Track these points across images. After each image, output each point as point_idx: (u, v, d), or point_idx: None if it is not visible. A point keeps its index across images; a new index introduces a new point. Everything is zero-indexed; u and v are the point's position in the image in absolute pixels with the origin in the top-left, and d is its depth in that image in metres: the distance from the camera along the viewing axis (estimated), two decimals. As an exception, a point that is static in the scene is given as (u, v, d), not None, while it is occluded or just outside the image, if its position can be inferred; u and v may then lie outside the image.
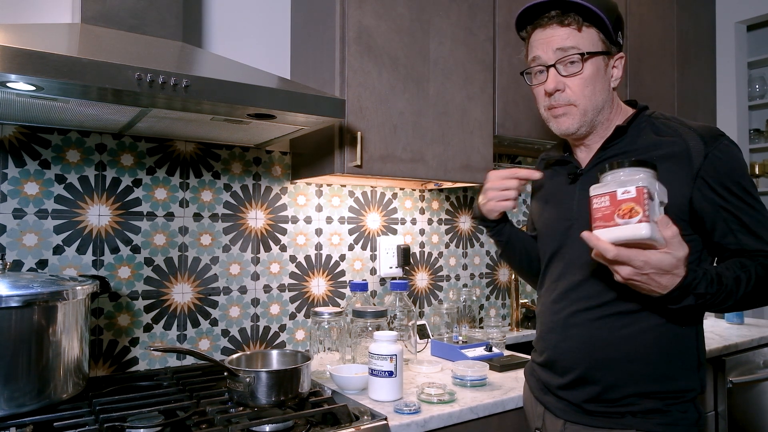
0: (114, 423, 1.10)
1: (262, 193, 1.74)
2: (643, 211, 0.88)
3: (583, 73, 1.09)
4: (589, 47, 1.09)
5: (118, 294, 1.51)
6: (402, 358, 1.34)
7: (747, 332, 2.17)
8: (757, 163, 3.25)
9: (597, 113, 1.13)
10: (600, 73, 1.11)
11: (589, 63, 1.09)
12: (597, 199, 0.94)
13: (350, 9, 1.54)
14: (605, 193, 0.92)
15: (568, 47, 1.09)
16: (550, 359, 1.17)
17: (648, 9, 2.40)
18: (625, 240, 0.90)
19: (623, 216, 0.89)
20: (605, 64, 1.12)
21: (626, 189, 0.90)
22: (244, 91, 1.18)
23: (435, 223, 2.14)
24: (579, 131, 1.14)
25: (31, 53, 0.95)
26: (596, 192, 0.94)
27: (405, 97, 1.64)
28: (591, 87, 1.10)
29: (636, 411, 1.06)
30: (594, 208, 0.94)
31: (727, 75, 2.89)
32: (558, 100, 1.12)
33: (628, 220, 0.89)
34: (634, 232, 0.89)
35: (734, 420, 1.99)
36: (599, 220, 0.93)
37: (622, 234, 0.90)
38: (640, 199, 0.89)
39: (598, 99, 1.12)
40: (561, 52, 1.09)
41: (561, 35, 1.09)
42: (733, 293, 0.96)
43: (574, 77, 1.10)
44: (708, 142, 1.04)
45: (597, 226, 0.93)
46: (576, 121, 1.12)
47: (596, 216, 0.94)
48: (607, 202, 0.92)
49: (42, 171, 1.42)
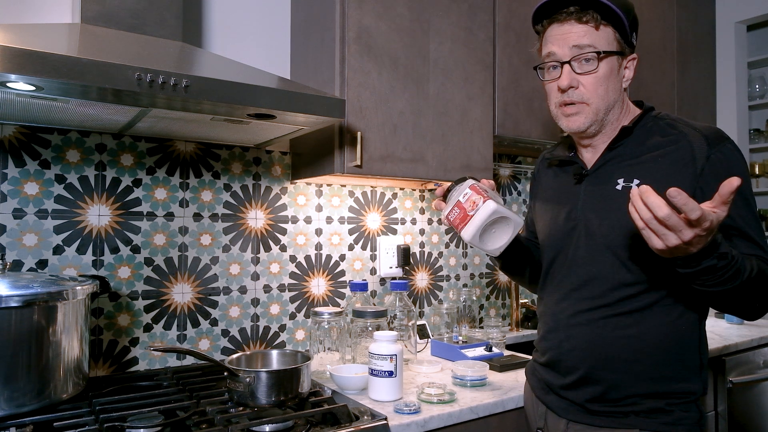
0: (114, 423, 1.10)
1: (262, 193, 1.74)
2: (483, 196, 1.08)
3: (597, 72, 1.09)
4: (605, 46, 1.09)
5: (118, 294, 1.51)
6: (402, 358, 1.34)
7: (747, 332, 2.17)
8: (757, 163, 3.25)
9: (607, 113, 1.13)
10: (614, 72, 1.11)
11: (604, 62, 1.09)
12: (450, 213, 1.13)
13: (350, 9, 1.54)
14: (453, 207, 1.13)
15: (585, 45, 1.08)
16: (553, 359, 1.17)
17: (648, 9, 2.40)
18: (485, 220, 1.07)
19: (472, 208, 1.08)
20: (619, 65, 1.13)
21: (464, 192, 1.11)
22: (244, 91, 1.18)
23: (435, 223, 2.14)
24: (589, 130, 1.14)
25: (31, 53, 0.95)
26: (446, 211, 1.15)
27: (405, 97, 1.64)
28: (604, 86, 1.10)
29: (639, 411, 1.06)
30: (452, 220, 1.13)
31: (727, 75, 2.89)
32: (571, 97, 1.11)
33: (476, 208, 1.08)
34: (485, 211, 1.06)
35: (734, 420, 1.99)
36: (460, 224, 1.10)
37: (479, 218, 1.07)
38: (477, 191, 1.09)
39: (610, 98, 1.12)
40: (577, 50, 1.09)
41: (578, 32, 1.09)
42: (740, 272, 0.91)
43: (588, 75, 1.09)
44: (712, 143, 1.04)
45: (460, 228, 1.10)
46: (587, 120, 1.12)
47: (456, 224, 1.12)
48: (458, 210, 1.11)
49: (42, 171, 1.42)
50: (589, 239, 1.12)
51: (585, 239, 1.12)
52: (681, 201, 0.81)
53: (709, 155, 1.03)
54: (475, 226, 1.07)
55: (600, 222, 1.11)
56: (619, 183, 1.10)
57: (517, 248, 1.30)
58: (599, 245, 1.10)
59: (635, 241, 1.06)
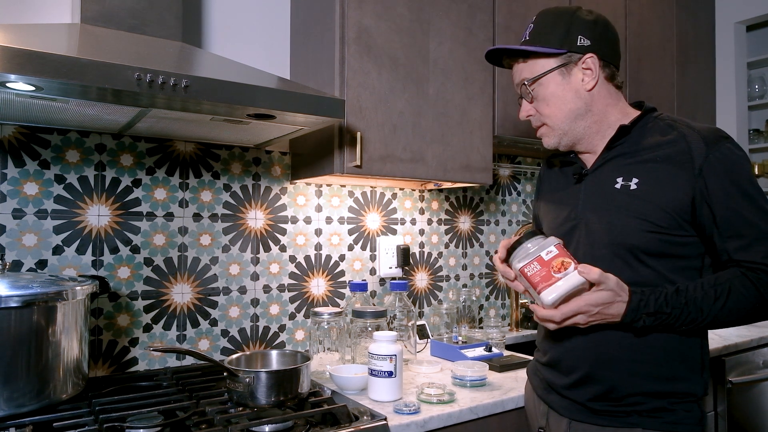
0: (113, 423, 1.10)
1: (261, 194, 1.74)
2: (573, 260, 1.00)
3: (539, 96, 1.17)
4: (535, 72, 1.16)
5: (118, 294, 1.51)
6: (401, 358, 1.34)
7: (747, 332, 2.17)
8: (757, 163, 3.24)
9: (572, 122, 1.16)
10: (558, 86, 1.15)
11: (536, 86, 1.16)
12: (528, 267, 1.02)
13: (350, 9, 1.54)
14: (532, 260, 1.02)
15: (519, 82, 1.19)
16: (555, 358, 1.17)
17: (648, 9, 2.40)
18: (572, 288, 0.99)
19: (559, 270, 1.00)
20: (565, 75, 1.15)
21: (548, 250, 1.02)
22: (244, 91, 1.18)
23: (435, 224, 2.14)
24: (561, 143, 1.19)
25: (31, 53, 0.95)
26: (523, 263, 1.03)
27: (405, 98, 1.64)
28: (553, 103, 1.16)
29: (642, 410, 1.07)
30: (530, 275, 1.02)
31: (727, 75, 2.89)
32: (534, 123, 1.22)
33: (565, 272, 1.00)
34: (577, 278, 0.99)
35: (734, 420, 1.99)
36: (541, 283, 1.01)
37: (567, 284, 0.99)
38: (564, 253, 1.01)
39: (567, 109, 1.15)
40: (519, 87, 1.20)
41: (517, 70, 1.20)
42: (699, 310, 1.01)
43: (536, 102, 1.18)
44: (710, 143, 1.04)
45: (541, 288, 1.01)
46: (554, 137, 1.19)
47: (535, 281, 1.02)
48: (538, 267, 1.01)
49: (41, 171, 1.42)
50: (589, 238, 1.12)
51: (585, 238, 1.13)
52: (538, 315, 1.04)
53: (708, 155, 1.03)
54: (562, 290, 1.00)
55: (599, 221, 1.11)
56: (617, 182, 1.11)
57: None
58: (599, 244, 1.10)
59: (635, 240, 1.06)
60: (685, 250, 1.06)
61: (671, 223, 1.04)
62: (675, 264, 1.06)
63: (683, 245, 1.06)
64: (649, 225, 1.05)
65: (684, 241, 1.05)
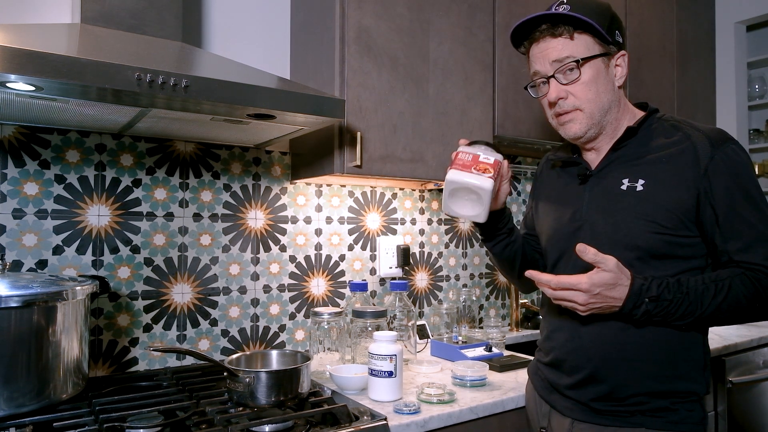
0: (114, 423, 1.10)
1: (261, 193, 1.74)
2: (494, 173, 1.13)
3: (582, 78, 1.11)
4: (584, 53, 1.10)
5: (118, 294, 1.51)
6: (402, 358, 1.34)
7: (747, 332, 2.17)
8: (757, 163, 3.25)
9: (604, 114, 1.14)
10: (601, 74, 1.12)
11: (586, 67, 1.10)
12: (463, 153, 1.16)
13: (350, 9, 1.54)
14: (471, 152, 1.16)
15: (564, 57, 1.10)
16: (557, 359, 1.17)
17: (648, 9, 2.40)
18: (469, 184, 1.12)
19: (479, 170, 1.13)
20: (605, 65, 1.13)
21: (487, 156, 1.15)
22: (244, 91, 1.18)
23: (435, 223, 2.14)
24: (587, 134, 1.15)
25: (31, 53, 0.95)
26: (465, 150, 1.17)
27: (405, 97, 1.64)
28: (594, 89, 1.11)
29: (645, 410, 1.07)
30: (458, 158, 1.16)
31: (727, 75, 2.89)
32: (564, 107, 1.14)
33: (480, 173, 1.12)
34: (482, 182, 1.12)
35: (734, 420, 1.99)
36: (458, 165, 1.15)
37: (471, 179, 1.12)
38: (495, 166, 1.14)
39: (603, 100, 1.13)
40: (557, 63, 1.11)
41: (555, 47, 1.11)
42: (699, 302, 1.00)
43: (575, 84, 1.11)
44: (715, 144, 1.05)
45: (453, 167, 1.15)
46: (584, 125, 1.14)
47: (457, 162, 1.15)
48: (470, 158, 1.15)
49: (42, 171, 1.42)
50: (594, 239, 1.11)
51: (590, 239, 1.12)
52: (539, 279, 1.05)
53: (713, 156, 1.04)
54: (462, 178, 1.13)
55: (605, 222, 1.11)
56: (623, 183, 1.11)
57: (508, 240, 1.31)
58: (605, 245, 1.09)
59: (641, 242, 1.06)
60: (690, 251, 1.06)
61: (676, 223, 1.04)
62: (679, 265, 1.06)
63: (688, 246, 1.06)
64: (655, 226, 1.05)
65: (688, 242, 1.06)
